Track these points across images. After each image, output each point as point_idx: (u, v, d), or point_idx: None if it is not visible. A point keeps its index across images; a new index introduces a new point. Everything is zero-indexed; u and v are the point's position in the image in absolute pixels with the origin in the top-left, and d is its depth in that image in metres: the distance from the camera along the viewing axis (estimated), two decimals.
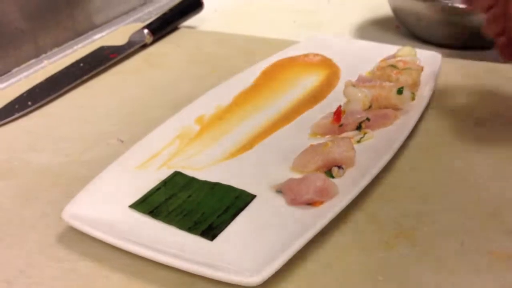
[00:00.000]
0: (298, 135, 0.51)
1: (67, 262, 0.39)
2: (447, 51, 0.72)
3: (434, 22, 0.72)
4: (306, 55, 0.66)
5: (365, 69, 0.63)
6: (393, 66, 0.58)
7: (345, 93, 0.53)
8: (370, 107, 0.53)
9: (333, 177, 0.45)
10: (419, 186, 0.46)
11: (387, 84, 0.54)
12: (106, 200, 0.42)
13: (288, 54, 0.67)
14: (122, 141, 0.53)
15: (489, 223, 0.42)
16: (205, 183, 0.45)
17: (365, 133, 0.50)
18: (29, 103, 0.60)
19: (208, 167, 0.47)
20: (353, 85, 0.53)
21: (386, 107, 0.53)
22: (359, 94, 0.52)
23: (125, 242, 0.37)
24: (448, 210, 0.43)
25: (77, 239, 0.41)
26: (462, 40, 0.73)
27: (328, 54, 0.68)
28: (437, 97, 0.59)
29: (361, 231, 0.42)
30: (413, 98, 0.53)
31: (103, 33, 0.82)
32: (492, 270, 0.38)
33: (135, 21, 0.88)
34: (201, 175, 0.46)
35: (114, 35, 0.79)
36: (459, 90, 0.62)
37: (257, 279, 0.34)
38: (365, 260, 0.39)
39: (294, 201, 0.42)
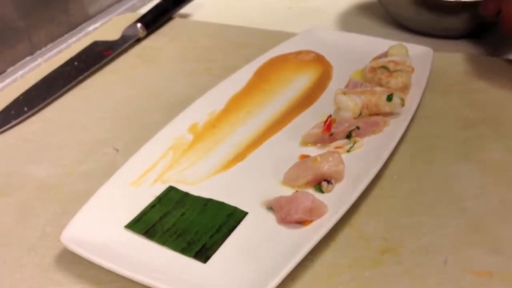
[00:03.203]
0: (289, 144, 0.52)
1: (65, 286, 0.41)
2: (438, 41, 0.72)
3: (422, 13, 0.72)
4: (299, 53, 0.66)
5: (358, 66, 0.64)
6: (384, 68, 0.58)
7: (335, 101, 0.54)
8: (360, 114, 0.53)
9: (322, 191, 0.46)
10: (406, 197, 0.48)
11: (377, 89, 0.55)
12: (102, 221, 0.43)
13: (281, 51, 0.67)
14: (117, 150, 0.55)
15: (472, 238, 0.43)
16: (198, 199, 0.46)
17: (355, 142, 0.51)
18: (25, 108, 0.61)
19: (201, 181, 0.49)
20: (344, 93, 0.54)
21: (376, 114, 0.54)
22: (350, 103, 0.53)
23: (120, 268, 0.39)
24: (433, 224, 0.45)
25: (75, 261, 0.42)
26: (450, 31, 0.73)
27: (321, 50, 0.68)
28: (428, 97, 0.60)
29: (349, 248, 0.43)
30: (402, 104, 0.53)
31: (97, 24, 0.82)
32: None
33: (128, 9, 0.88)
34: (195, 190, 0.47)
35: (107, 28, 0.79)
36: (450, 88, 0.62)
37: None
38: (352, 279, 0.40)
39: (284, 220, 0.43)
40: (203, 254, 0.41)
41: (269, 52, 0.66)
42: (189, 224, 0.44)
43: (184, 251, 0.42)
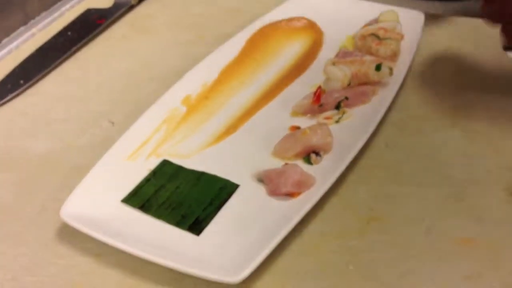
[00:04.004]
0: (280, 115, 0.54)
1: (68, 258, 0.43)
2: (429, 3, 0.72)
3: None
4: (290, 20, 0.67)
5: (349, 32, 0.64)
6: (374, 35, 0.59)
7: (325, 72, 0.55)
8: (349, 84, 0.54)
9: (311, 163, 0.48)
10: (392, 166, 0.49)
11: (367, 58, 0.55)
12: (100, 196, 0.45)
13: (273, 17, 0.67)
14: (113, 123, 0.56)
15: (456, 206, 0.45)
16: (192, 172, 0.48)
17: (344, 113, 0.52)
18: (21, 81, 0.62)
19: (194, 154, 0.50)
20: (333, 63, 0.54)
21: (365, 83, 0.55)
22: (339, 73, 0.54)
23: (117, 241, 0.41)
24: (418, 193, 0.46)
25: (76, 234, 0.43)
26: None
27: (312, 15, 0.68)
28: (418, 62, 0.60)
29: (337, 217, 0.45)
30: (391, 74, 0.54)
31: None
32: (455, 257, 0.41)
33: None
34: (188, 163, 0.49)
35: None
36: (441, 53, 0.63)
37: (237, 278, 0.38)
38: (339, 248, 0.42)
39: (273, 193, 0.45)
40: (196, 226, 0.43)
41: (260, 19, 0.67)
42: (183, 197, 0.46)
43: (178, 224, 0.44)
